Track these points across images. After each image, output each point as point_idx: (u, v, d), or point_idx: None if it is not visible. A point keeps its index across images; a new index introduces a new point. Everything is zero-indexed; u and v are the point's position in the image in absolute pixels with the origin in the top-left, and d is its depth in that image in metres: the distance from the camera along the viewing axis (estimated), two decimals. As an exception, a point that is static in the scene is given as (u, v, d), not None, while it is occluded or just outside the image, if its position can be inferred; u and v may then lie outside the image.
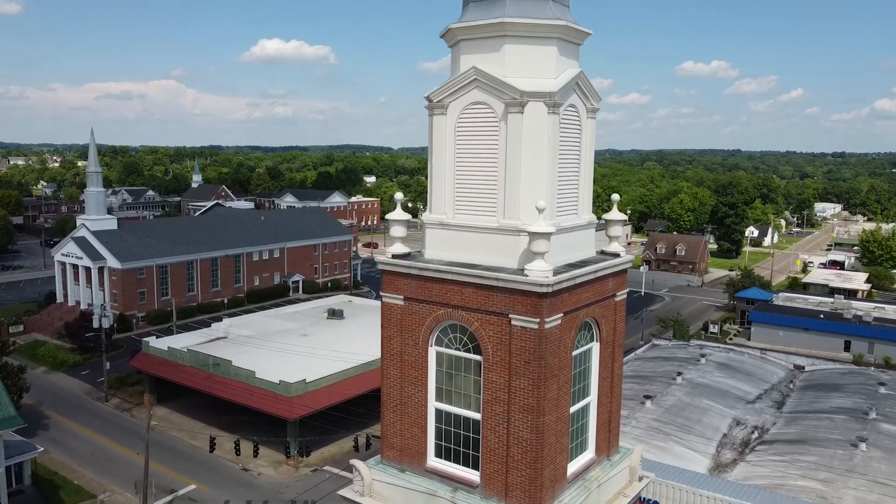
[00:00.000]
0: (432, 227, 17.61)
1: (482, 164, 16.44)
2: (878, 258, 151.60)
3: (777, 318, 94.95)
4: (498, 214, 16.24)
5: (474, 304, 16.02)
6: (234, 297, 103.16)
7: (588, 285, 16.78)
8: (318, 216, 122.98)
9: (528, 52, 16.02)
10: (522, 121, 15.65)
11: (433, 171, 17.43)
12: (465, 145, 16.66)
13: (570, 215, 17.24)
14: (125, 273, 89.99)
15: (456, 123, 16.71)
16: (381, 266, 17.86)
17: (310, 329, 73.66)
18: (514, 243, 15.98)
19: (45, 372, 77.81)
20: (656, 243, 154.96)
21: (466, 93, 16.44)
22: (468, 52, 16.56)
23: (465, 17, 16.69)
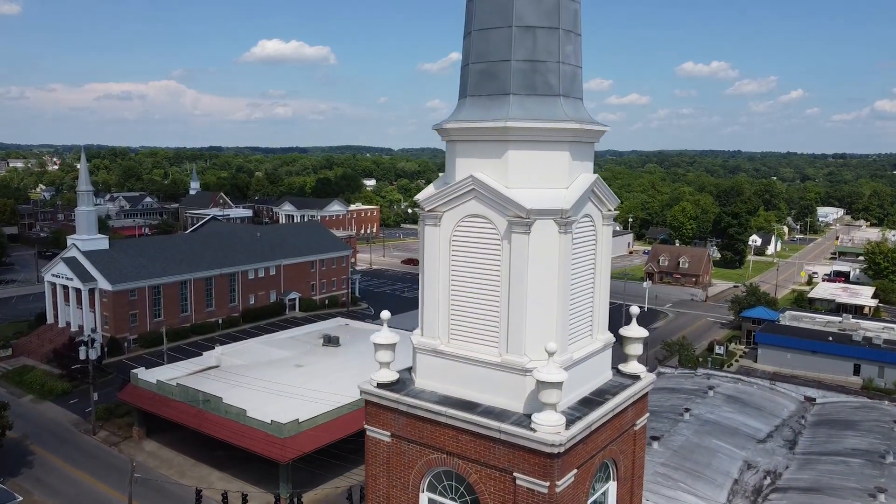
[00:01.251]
0: (424, 352, 15.35)
1: (482, 286, 14.19)
2: (883, 270, 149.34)
3: (784, 339, 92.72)
4: (500, 346, 13.99)
5: (472, 455, 13.77)
6: (229, 316, 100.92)
7: (606, 425, 14.53)
8: (316, 231, 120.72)
9: (535, 159, 13.77)
10: (529, 241, 13.40)
11: (425, 286, 15.17)
12: (461, 262, 14.41)
13: (583, 339, 15.00)
14: (116, 295, 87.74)
15: (451, 236, 14.45)
16: (363, 395, 15.59)
17: (305, 358, 71.43)
18: (518, 383, 13.73)
19: (33, 401, 75.58)
20: (659, 255, 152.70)
21: (463, 203, 14.18)
22: (465, 156, 14.29)
23: (461, 115, 14.42)
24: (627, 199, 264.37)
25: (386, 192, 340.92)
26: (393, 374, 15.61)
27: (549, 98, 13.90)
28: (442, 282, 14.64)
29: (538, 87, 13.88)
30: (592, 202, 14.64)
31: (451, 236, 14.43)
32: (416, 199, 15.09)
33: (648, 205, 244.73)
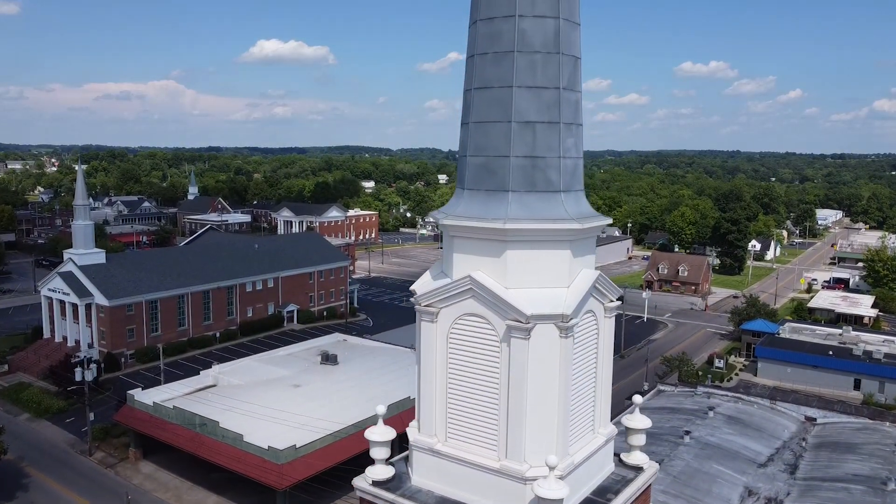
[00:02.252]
0: (420, 451, 14.85)
1: (480, 387, 13.73)
2: (883, 278, 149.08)
3: (785, 354, 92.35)
4: (499, 451, 13.53)
5: (470, 566, 13.33)
6: (227, 329, 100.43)
7: (607, 528, 14.09)
8: (314, 241, 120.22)
9: (535, 258, 13.33)
10: (528, 347, 12.95)
11: (422, 382, 14.71)
12: (459, 361, 13.96)
13: (585, 436, 14.54)
14: (113, 310, 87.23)
15: (448, 333, 14.01)
16: (358, 493, 15.12)
17: (302, 377, 70.98)
18: (518, 491, 13.27)
19: (29, 419, 75.08)
20: (658, 263, 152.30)
21: (461, 301, 13.75)
22: (463, 251, 13.85)
23: (458, 209, 13.96)
24: (626, 202, 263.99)
25: (385, 195, 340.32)
26: (388, 470, 15.10)
27: (549, 195, 13.46)
28: (439, 379, 14.20)
29: (538, 184, 13.45)
30: (594, 297, 14.20)
31: (448, 333, 14.00)
32: (413, 291, 14.65)
33: (647, 209, 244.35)
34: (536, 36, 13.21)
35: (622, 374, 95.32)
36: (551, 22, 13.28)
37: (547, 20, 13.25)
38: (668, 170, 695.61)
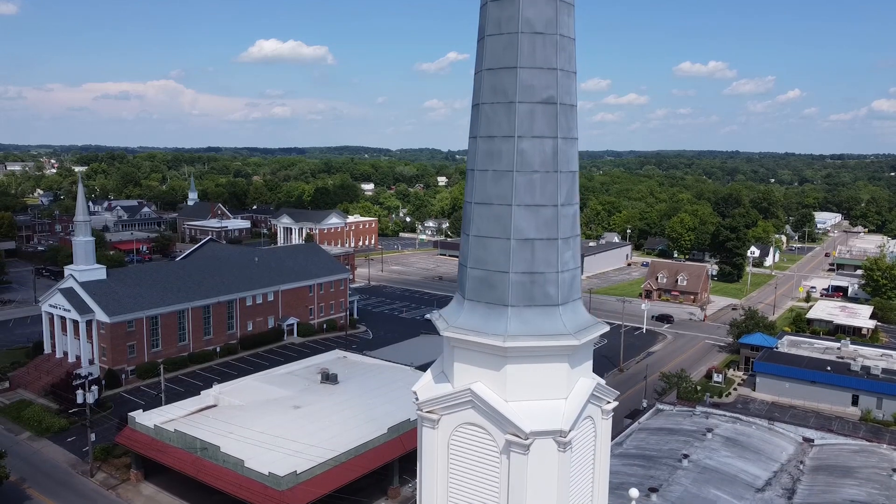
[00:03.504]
0: (423, 554, 15.11)
1: (480, 495, 14.05)
2: (881, 287, 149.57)
3: (783, 369, 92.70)
4: (499, 559, 13.86)
5: None
6: (227, 344, 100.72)
7: None
8: (314, 253, 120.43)
9: (534, 371, 13.67)
10: (527, 461, 13.29)
11: (423, 488, 15.01)
12: (460, 469, 14.27)
13: (581, 536, 14.86)
14: (114, 327, 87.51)
15: (449, 440, 14.33)
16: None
17: (302, 397, 71.27)
18: None
19: (30, 438, 75.32)
20: (657, 272, 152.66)
21: (461, 411, 14.08)
22: (463, 362, 14.17)
23: (459, 320, 14.28)
24: (625, 207, 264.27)
25: (384, 199, 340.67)
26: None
27: (548, 308, 13.79)
28: (440, 485, 14.51)
29: (537, 299, 13.78)
30: (592, 403, 14.53)
31: (449, 441, 14.33)
32: (414, 394, 14.98)
33: (647, 214, 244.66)
34: (535, 156, 13.54)
35: (621, 388, 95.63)
36: (550, 142, 13.61)
37: (546, 140, 13.59)
38: (667, 171, 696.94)
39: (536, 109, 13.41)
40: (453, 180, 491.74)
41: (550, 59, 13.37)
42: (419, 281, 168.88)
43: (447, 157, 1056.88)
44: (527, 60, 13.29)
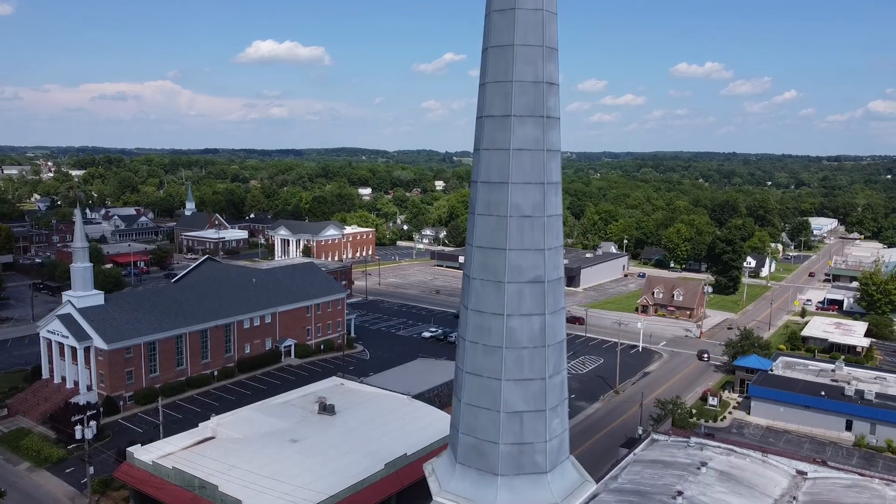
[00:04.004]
0: None
1: None
2: (876, 301, 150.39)
3: (777, 393, 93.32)
4: None
5: None
6: (224, 367, 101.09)
7: None
8: (311, 273, 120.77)
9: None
10: None
11: None
12: None
13: None
14: (112, 354, 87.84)
15: None
16: None
17: (300, 430, 71.66)
18: None
19: (29, 469, 75.62)
20: (654, 287, 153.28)
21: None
22: (455, 523, 14.65)
23: (451, 484, 14.77)
24: (622, 216, 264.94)
25: (381, 206, 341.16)
26: None
27: (536, 476, 14.29)
28: None
29: (525, 467, 14.27)
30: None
31: None
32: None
33: (643, 224, 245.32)
34: (524, 333, 14.03)
35: (617, 412, 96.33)
36: (538, 319, 14.09)
37: (533, 318, 14.06)
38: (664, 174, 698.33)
39: (525, 289, 13.89)
40: (451, 185, 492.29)
41: (538, 241, 13.85)
42: (416, 295, 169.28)
43: (444, 158, 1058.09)
44: (515, 242, 13.78)
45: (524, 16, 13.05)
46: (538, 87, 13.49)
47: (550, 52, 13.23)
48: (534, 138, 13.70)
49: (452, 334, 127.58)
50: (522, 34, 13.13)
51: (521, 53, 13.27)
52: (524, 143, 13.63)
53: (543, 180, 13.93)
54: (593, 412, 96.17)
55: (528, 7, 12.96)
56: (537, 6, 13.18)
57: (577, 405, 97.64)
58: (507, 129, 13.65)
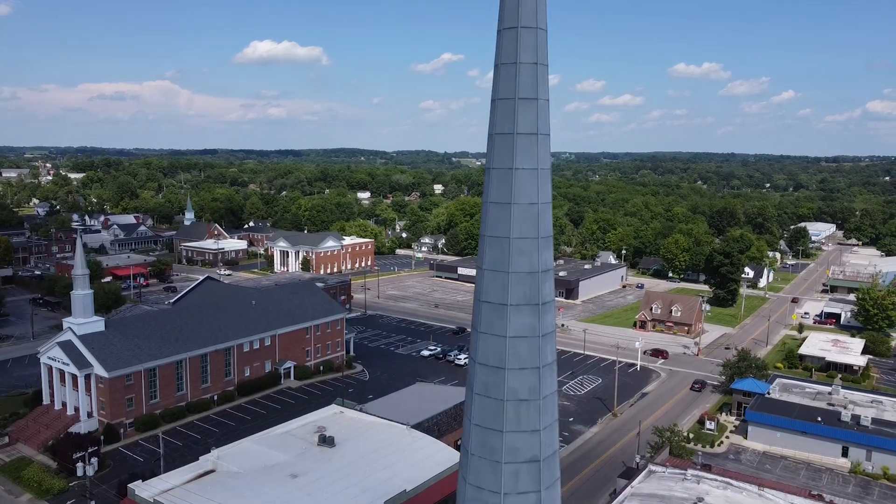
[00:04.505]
0: None
1: None
2: (873, 317, 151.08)
3: (774, 419, 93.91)
4: None
5: None
6: (224, 391, 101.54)
7: None
8: (310, 293, 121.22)
9: None
10: None
11: None
12: None
13: None
14: (112, 381, 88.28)
15: None
16: None
17: (300, 464, 72.09)
18: None
19: (31, 501, 75.98)
20: (652, 303, 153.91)
21: None
22: None
23: None
24: (620, 224, 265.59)
25: (380, 211, 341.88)
26: None
27: None
28: None
29: None
30: None
31: None
32: None
33: (641, 232, 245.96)
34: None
35: (615, 437, 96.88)
36: (533, 496, 14.55)
37: (529, 495, 14.53)
38: (663, 175, 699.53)
39: (521, 469, 14.36)
40: (450, 188, 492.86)
41: (534, 423, 14.32)
42: (415, 309, 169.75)
43: (443, 159, 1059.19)
44: (512, 425, 14.25)
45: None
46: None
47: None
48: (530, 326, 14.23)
49: (451, 353, 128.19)
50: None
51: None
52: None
53: (538, 364, 14.40)
54: (591, 436, 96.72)
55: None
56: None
57: (575, 429, 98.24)
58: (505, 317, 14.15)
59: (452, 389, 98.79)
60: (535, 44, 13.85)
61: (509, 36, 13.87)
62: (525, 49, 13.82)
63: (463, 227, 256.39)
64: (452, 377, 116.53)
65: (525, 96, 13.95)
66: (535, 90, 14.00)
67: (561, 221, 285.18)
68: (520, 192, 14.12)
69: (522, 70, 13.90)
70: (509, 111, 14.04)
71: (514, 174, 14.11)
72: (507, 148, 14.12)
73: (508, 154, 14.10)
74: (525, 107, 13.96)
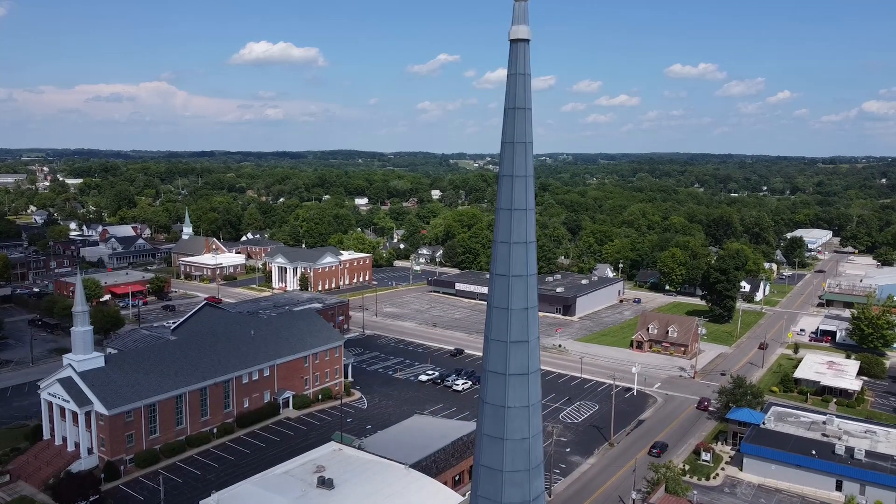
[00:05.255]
0: None
1: None
2: (868, 337, 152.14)
3: (769, 452, 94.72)
4: None
5: None
6: (224, 423, 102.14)
7: None
8: (309, 322, 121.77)
9: None
10: None
11: None
12: None
13: None
14: (113, 419, 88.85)
15: None
16: None
17: (299, 508, 72.80)
18: None
19: (32, 544, 76.83)
20: (648, 323, 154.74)
21: None
22: None
23: None
24: (616, 235, 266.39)
25: (378, 219, 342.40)
26: None
27: None
28: None
29: None
30: None
31: None
32: None
33: (638, 245, 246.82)
34: None
35: (612, 468, 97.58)
36: None
37: None
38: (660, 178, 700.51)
39: None
40: (447, 194, 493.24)
41: None
42: (413, 329, 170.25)
43: (441, 161, 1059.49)
44: None
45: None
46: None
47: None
48: None
49: (448, 377, 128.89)
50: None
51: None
52: None
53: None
54: (588, 468, 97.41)
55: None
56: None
57: (572, 460, 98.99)
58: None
59: (450, 423, 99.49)
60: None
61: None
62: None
63: (460, 238, 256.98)
64: (450, 405, 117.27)
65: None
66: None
67: (558, 231, 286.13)
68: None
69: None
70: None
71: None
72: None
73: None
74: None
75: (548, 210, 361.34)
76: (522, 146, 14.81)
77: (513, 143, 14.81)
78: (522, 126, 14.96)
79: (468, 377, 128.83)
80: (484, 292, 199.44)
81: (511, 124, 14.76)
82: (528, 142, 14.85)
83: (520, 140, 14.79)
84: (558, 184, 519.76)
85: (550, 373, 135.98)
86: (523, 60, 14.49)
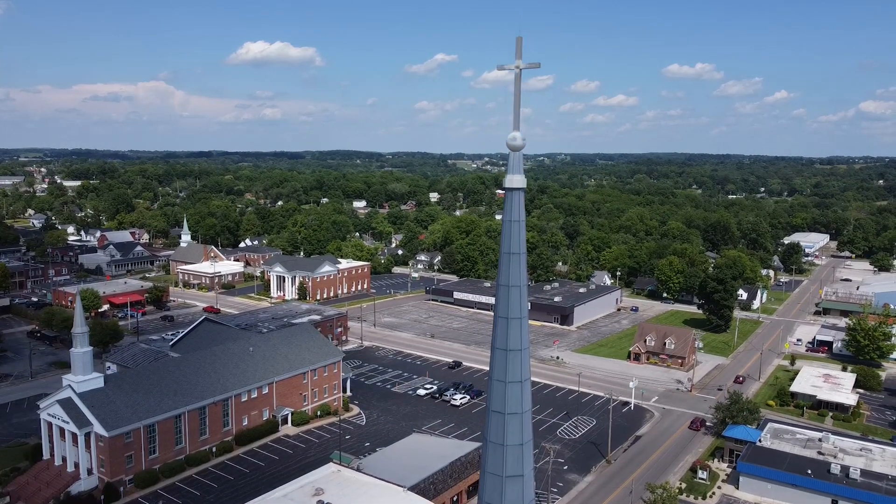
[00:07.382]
0: None
1: None
2: (864, 348, 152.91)
3: (765, 471, 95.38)
4: None
5: None
6: (223, 441, 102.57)
7: None
8: (307, 338, 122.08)
9: None
10: None
11: None
12: None
13: None
14: (112, 440, 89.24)
15: None
16: None
17: (299, 534, 73.24)
18: None
19: (32, 568, 77.21)
20: (646, 335, 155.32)
21: None
22: None
23: None
24: (615, 241, 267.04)
25: (376, 223, 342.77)
26: None
27: None
28: None
29: None
30: None
31: None
32: None
33: (635, 252, 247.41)
34: None
35: (609, 487, 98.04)
36: None
37: None
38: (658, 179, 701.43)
39: None
40: (445, 197, 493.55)
41: None
42: (411, 340, 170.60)
43: (439, 161, 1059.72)
44: None
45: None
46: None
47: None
48: None
49: (447, 391, 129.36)
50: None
51: None
52: None
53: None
54: (585, 487, 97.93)
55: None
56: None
57: (570, 479, 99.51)
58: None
59: (448, 442, 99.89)
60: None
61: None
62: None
63: (458, 245, 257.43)
64: (449, 420, 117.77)
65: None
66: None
67: (556, 237, 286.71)
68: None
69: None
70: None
71: None
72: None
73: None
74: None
75: (546, 214, 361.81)
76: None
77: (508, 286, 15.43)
78: (517, 270, 15.45)
79: (466, 391, 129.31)
80: (481, 301, 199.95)
81: (506, 269, 15.30)
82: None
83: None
84: (556, 185, 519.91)
85: (548, 386, 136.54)
86: (518, 208, 15.00)
